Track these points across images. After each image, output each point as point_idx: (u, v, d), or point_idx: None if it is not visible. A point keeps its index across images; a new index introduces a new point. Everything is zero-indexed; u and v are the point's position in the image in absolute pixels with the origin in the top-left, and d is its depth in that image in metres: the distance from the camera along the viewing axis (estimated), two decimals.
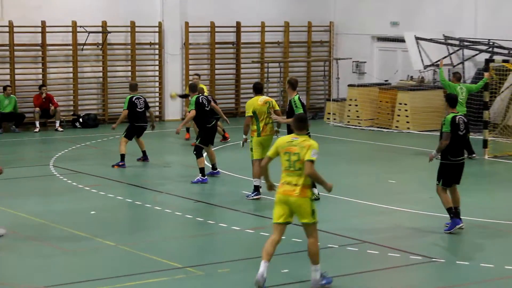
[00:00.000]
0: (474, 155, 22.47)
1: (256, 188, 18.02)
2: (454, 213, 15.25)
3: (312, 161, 11.81)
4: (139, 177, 20.63)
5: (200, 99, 19.65)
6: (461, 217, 16.13)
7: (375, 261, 13.87)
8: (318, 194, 17.00)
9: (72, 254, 14.06)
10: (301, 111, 17.23)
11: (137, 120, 21.57)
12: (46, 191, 19.29)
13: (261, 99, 18.29)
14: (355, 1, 32.79)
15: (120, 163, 21.21)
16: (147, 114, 21.96)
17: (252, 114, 17.97)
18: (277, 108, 18.51)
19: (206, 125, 19.60)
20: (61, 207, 17.51)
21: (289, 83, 18.03)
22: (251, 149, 18.18)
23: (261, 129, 18.08)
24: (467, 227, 15.91)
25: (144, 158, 22.04)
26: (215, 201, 17.96)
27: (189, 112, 19.87)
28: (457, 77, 23.13)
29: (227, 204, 17.59)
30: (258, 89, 18.64)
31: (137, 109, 21.57)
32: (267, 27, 32.26)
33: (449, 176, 15.36)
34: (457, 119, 15.40)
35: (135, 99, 21.66)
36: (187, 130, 25.51)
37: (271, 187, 12.44)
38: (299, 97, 17.68)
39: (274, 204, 12.02)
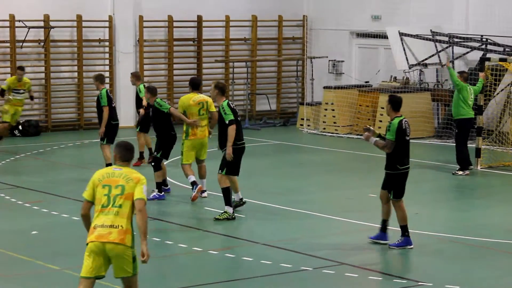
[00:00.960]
0: (471, 167, 22.58)
1: (194, 183, 18.88)
2: (406, 229, 15.54)
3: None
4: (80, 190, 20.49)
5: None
6: (452, 235, 16.32)
7: (354, 285, 13.96)
8: (233, 213, 17.47)
9: (11, 279, 14.04)
10: (231, 117, 17.34)
11: (114, 118, 21.69)
12: None
13: (195, 98, 18.69)
14: None
15: None
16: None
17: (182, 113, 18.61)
18: (213, 109, 18.79)
19: (171, 132, 19.50)
20: None
21: (217, 88, 17.97)
22: (181, 153, 19.01)
23: (189, 131, 18.76)
24: (457, 245, 16.06)
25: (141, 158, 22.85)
26: (173, 219, 17.96)
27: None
28: (465, 77, 22.96)
29: (187, 223, 17.64)
30: (195, 85, 18.99)
31: (112, 105, 21.70)
32: (232, 21, 32.37)
33: (401, 186, 15.53)
34: (403, 124, 15.59)
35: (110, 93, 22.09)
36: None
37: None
38: (228, 103, 17.66)
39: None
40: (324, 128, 30.06)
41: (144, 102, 21.92)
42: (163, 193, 19.45)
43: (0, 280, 14.02)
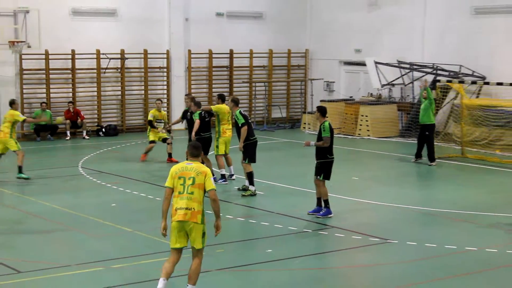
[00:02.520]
0: (433, 163, 22.15)
1: (223, 176, 19.04)
2: (327, 203, 15.55)
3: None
4: (152, 176, 20.60)
5: (202, 113, 19.12)
6: (411, 206, 16.28)
7: (341, 242, 13.96)
8: (255, 190, 17.47)
9: (96, 238, 14.14)
10: (243, 121, 17.66)
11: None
12: (76, 187, 19.34)
13: (226, 108, 18.88)
14: (326, 32, 32.87)
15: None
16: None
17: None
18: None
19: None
20: (87, 200, 17.58)
21: (232, 101, 18.14)
22: (216, 146, 18.97)
23: (221, 130, 19.04)
24: (415, 214, 16.04)
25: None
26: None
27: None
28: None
29: (222, 197, 17.69)
30: (223, 98, 18.95)
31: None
32: (254, 53, 32.33)
33: (329, 171, 15.52)
34: (331, 125, 15.69)
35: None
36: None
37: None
38: (240, 111, 17.85)
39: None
40: None
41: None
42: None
43: (89, 239, 14.11)
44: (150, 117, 22.66)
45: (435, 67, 28.03)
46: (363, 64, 30.10)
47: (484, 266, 12.41)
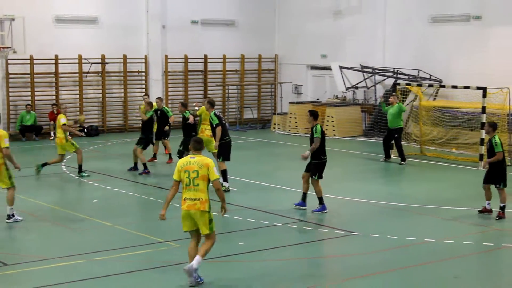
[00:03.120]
0: (404, 162, 21.95)
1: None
2: (322, 200, 15.47)
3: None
4: (131, 174, 20.42)
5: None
6: (375, 201, 16.30)
7: (309, 235, 13.95)
8: (228, 187, 17.29)
9: (78, 232, 13.99)
10: (217, 122, 17.33)
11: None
12: (59, 185, 19.14)
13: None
14: (294, 39, 32.89)
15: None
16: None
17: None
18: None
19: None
20: (70, 197, 17.42)
21: (208, 103, 17.82)
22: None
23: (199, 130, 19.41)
24: (379, 208, 16.07)
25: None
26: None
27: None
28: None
29: None
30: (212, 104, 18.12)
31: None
32: (227, 58, 32.24)
33: (322, 171, 15.49)
34: (322, 128, 15.61)
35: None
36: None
37: None
38: (214, 113, 17.60)
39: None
40: (289, 130, 30.03)
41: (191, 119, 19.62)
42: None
43: (71, 232, 13.97)
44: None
45: (395, 71, 28.13)
46: (329, 68, 30.16)
47: (441, 256, 12.45)
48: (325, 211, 15.44)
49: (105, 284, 10.96)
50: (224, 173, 17.53)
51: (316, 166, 15.42)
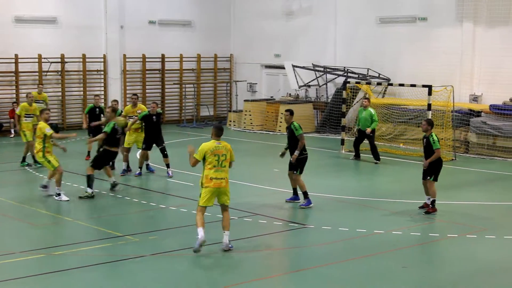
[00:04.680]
0: (378, 161, 21.61)
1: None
2: (307, 194, 15.42)
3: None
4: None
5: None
6: (327, 194, 16.37)
7: (265, 228, 13.97)
8: (92, 193, 16.43)
9: (38, 227, 13.81)
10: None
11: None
12: (20, 181, 18.85)
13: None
14: (248, 39, 32.90)
15: None
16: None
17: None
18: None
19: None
20: (31, 193, 17.15)
21: (112, 109, 17.42)
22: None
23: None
24: (330, 201, 16.15)
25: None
26: (146, 186, 17.81)
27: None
28: (367, 104, 21.99)
29: (156, 189, 17.51)
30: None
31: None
32: (184, 58, 32.12)
33: (303, 166, 15.38)
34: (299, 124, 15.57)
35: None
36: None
37: None
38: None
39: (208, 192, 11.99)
40: (245, 127, 30.04)
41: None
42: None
43: (34, 228, 13.79)
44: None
45: (345, 70, 28.32)
46: (282, 67, 30.23)
47: (390, 247, 12.56)
48: (311, 205, 15.30)
49: (65, 278, 10.84)
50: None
51: (298, 162, 15.34)
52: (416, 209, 15.41)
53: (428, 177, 15.04)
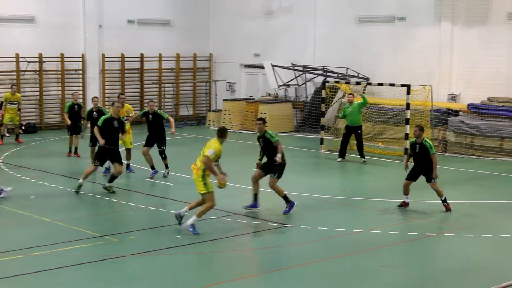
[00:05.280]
0: (364, 159, 21.60)
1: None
2: (287, 198, 14.94)
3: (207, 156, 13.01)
4: (69, 170, 20.13)
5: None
6: (306, 194, 16.40)
7: (244, 227, 13.98)
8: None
9: (16, 228, 13.72)
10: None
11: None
12: None
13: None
14: (228, 38, 32.89)
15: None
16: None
17: None
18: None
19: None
20: (8, 193, 17.01)
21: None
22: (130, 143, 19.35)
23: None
24: (310, 200, 16.20)
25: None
26: (125, 186, 17.75)
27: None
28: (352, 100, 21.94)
29: (135, 188, 17.46)
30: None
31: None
32: (163, 57, 32.05)
33: (282, 171, 14.90)
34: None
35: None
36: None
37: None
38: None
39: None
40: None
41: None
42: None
43: (11, 228, 13.70)
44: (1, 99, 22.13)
45: (325, 69, 28.39)
46: (261, 67, 30.25)
47: (369, 246, 12.63)
48: (294, 208, 14.82)
49: (43, 278, 10.78)
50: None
51: (279, 167, 14.81)
52: (394, 207, 15.50)
53: (433, 180, 15.21)
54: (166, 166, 18.73)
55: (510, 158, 22.14)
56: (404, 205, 15.55)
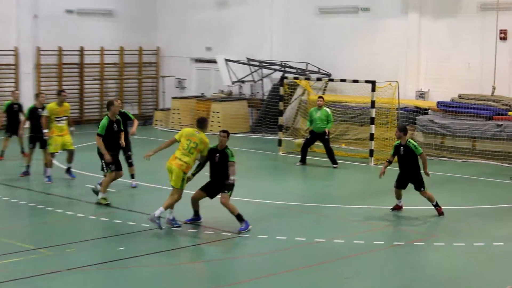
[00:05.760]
0: (336, 166, 21.45)
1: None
2: (240, 217, 14.25)
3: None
4: (4, 175, 19.77)
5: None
6: (262, 200, 16.33)
7: (194, 238, 13.83)
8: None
9: None
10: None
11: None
12: None
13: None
14: (177, 30, 32.71)
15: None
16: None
17: None
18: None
19: None
20: None
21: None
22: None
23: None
24: (266, 207, 16.11)
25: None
26: (63, 194, 17.44)
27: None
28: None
29: (73, 196, 17.18)
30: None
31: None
32: (105, 51, 31.75)
33: (234, 187, 14.37)
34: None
35: None
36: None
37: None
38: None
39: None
40: (172, 127, 29.82)
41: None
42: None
43: None
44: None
45: (283, 64, 28.40)
46: (214, 61, 30.16)
47: (332, 256, 12.57)
48: (250, 227, 14.16)
49: None
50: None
51: (231, 184, 14.25)
52: (358, 214, 15.49)
53: (422, 189, 15.36)
54: (132, 176, 18.07)
55: (483, 160, 22.36)
56: (397, 208, 15.69)
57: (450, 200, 17.13)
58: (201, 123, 14.33)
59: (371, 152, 22.05)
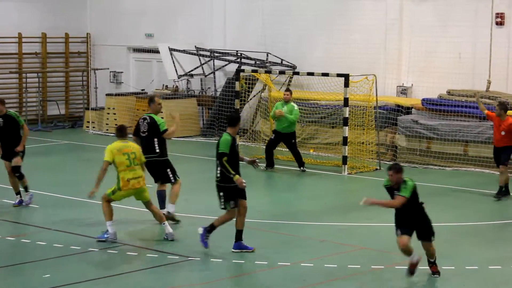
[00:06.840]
0: (304, 169, 22.13)
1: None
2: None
3: None
4: None
5: None
6: (213, 216, 16.38)
7: (134, 262, 13.84)
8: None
9: None
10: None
11: None
12: None
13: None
14: (110, 14, 32.63)
15: None
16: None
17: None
18: None
19: None
20: None
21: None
22: None
23: None
24: (222, 225, 16.14)
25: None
26: None
27: None
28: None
29: None
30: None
31: None
32: (24, 38, 31.60)
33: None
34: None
35: None
36: None
37: None
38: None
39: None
40: (107, 129, 29.73)
41: None
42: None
43: None
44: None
45: (239, 55, 28.47)
46: (156, 51, 30.14)
47: (298, 283, 12.65)
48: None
49: None
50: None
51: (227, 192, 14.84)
52: (330, 233, 15.60)
53: (432, 238, 13.29)
54: (26, 189, 17.84)
55: (477, 168, 22.62)
56: (413, 267, 13.07)
57: (439, 216, 17.31)
58: (122, 132, 15.07)
59: (345, 159, 22.21)
